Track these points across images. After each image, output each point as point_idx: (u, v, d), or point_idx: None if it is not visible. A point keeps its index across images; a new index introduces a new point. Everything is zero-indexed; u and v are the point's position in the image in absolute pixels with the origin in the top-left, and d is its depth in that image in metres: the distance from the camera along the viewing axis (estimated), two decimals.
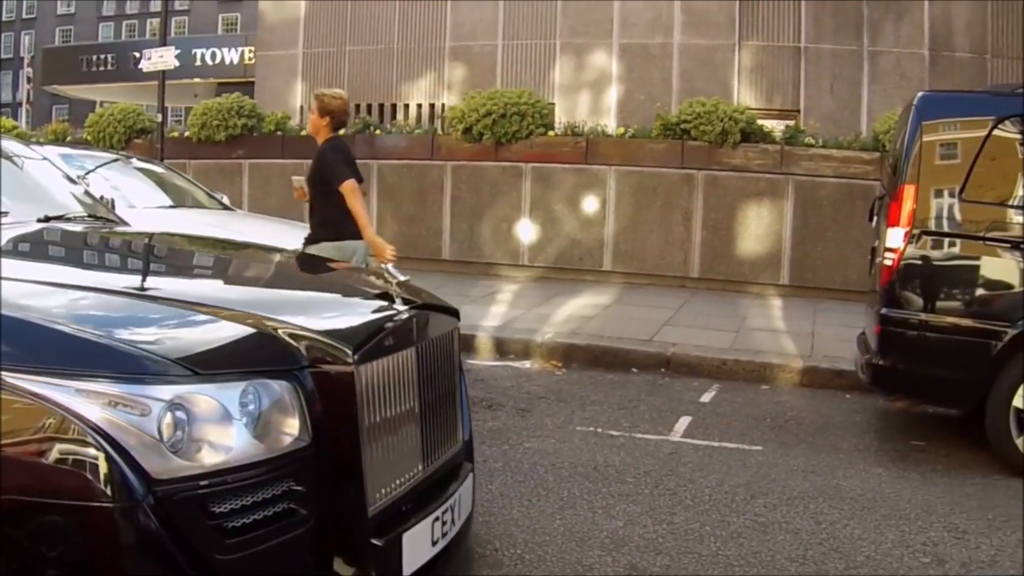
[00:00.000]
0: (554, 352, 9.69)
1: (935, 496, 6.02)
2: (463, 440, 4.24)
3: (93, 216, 5.36)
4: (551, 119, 15.43)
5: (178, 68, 20.60)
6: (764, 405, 8.30)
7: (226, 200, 12.41)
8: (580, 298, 12.43)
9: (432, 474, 3.79)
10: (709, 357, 9.50)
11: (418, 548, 3.53)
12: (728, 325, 11.18)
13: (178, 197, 11.48)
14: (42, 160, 5.86)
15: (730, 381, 9.09)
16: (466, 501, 4.09)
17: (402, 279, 3.91)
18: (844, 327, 10.17)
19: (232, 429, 2.97)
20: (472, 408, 5.50)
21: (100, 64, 41.00)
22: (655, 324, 10.97)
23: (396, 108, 20.08)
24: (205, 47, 36.83)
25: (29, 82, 50.92)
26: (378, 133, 16.17)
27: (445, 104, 19.00)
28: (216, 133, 16.26)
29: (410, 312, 3.88)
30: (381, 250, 7.94)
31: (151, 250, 5.10)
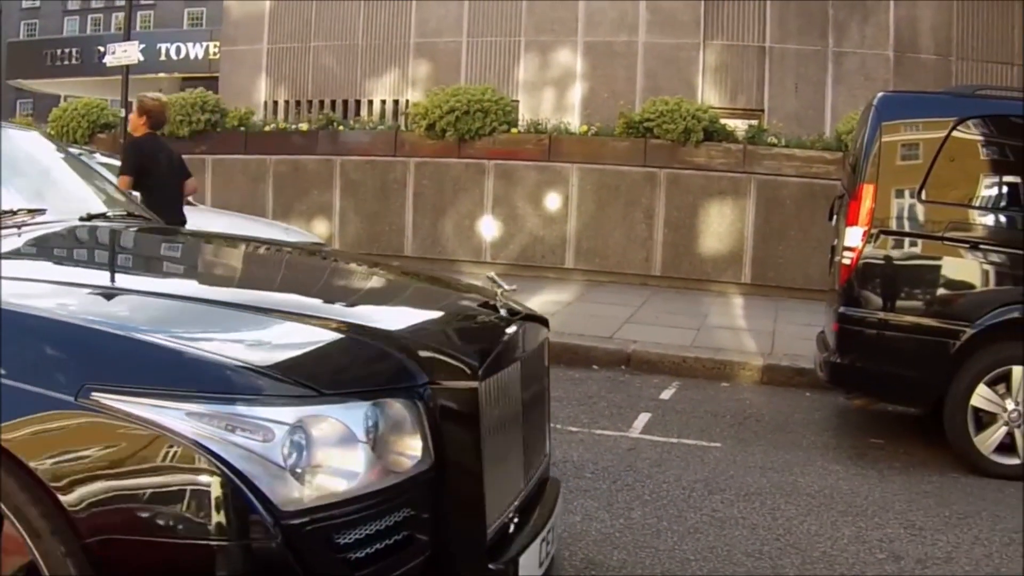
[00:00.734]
0: None
1: (892, 493, 6.05)
2: (548, 453, 4.06)
3: (131, 214, 5.05)
4: (515, 116, 15.41)
5: (143, 63, 20.53)
6: (724, 402, 8.33)
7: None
8: (542, 295, 12.41)
9: (530, 491, 3.60)
10: (670, 354, 9.52)
11: (530, 571, 3.29)
12: (689, 323, 11.20)
13: None
14: (78, 156, 5.62)
15: (690, 378, 9.11)
16: (560, 518, 3.90)
17: (508, 288, 3.71)
18: (805, 326, 10.20)
19: (358, 453, 2.69)
20: None
21: (64, 58, 40.76)
22: (616, 321, 10.98)
23: (360, 104, 19.99)
24: (170, 42, 36.67)
25: None
26: (341, 129, 16.11)
27: (409, 100, 18.95)
28: (180, 128, 16.11)
29: (517, 324, 3.68)
30: None
31: (220, 253, 4.80)
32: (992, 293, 6.82)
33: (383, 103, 19.91)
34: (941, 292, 6.98)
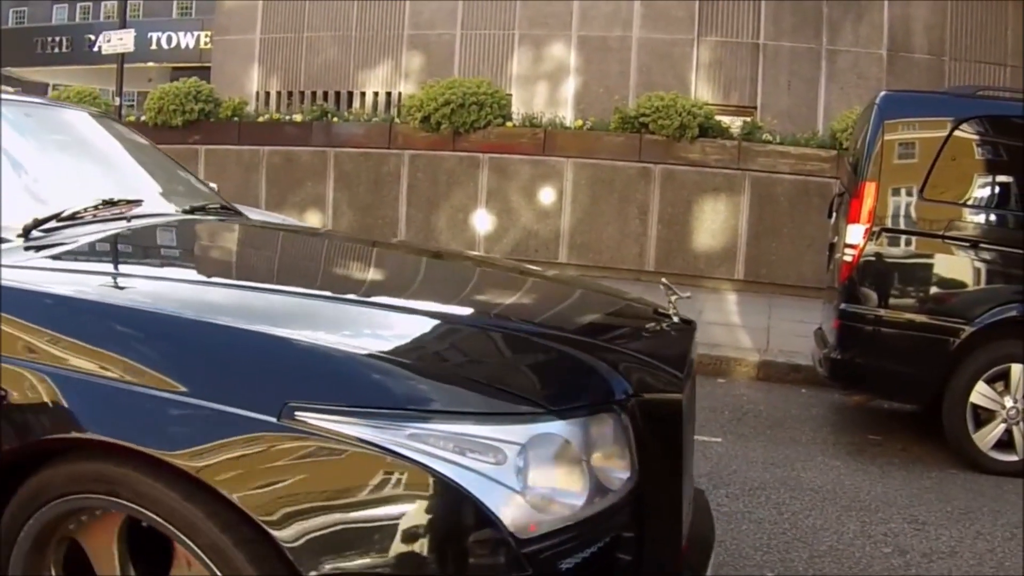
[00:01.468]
0: None
1: (894, 489, 6.10)
2: None
3: (223, 206, 4.79)
4: (509, 110, 15.42)
5: (133, 52, 20.42)
6: (721, 398, 8.37)
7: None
8: None
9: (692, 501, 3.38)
10: None
11: None
12: None
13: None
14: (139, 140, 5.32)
15: None
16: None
17: (683, 296, 3.55)
18: (799, 323, 10.26)
19: (579, 473, 2.45)
20: None
21: (54, 46, 40.62)
22: None
23: (353, 96, 19.93)
24: (161, 31, 36.57)
25: None
26: (336, 121, 16.07)
27: (402, 93, 18.90)
28: (173, 118, 16.07)
29: (694, 330, 3.55)
30: None
31: (357, 254, 4.52)
32: (991, 291, 6.87)
33: (376, 95, 19.85)
34: (941, 290, 7.02)
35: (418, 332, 2.87)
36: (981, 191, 7.09)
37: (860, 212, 7.03)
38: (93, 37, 36.22)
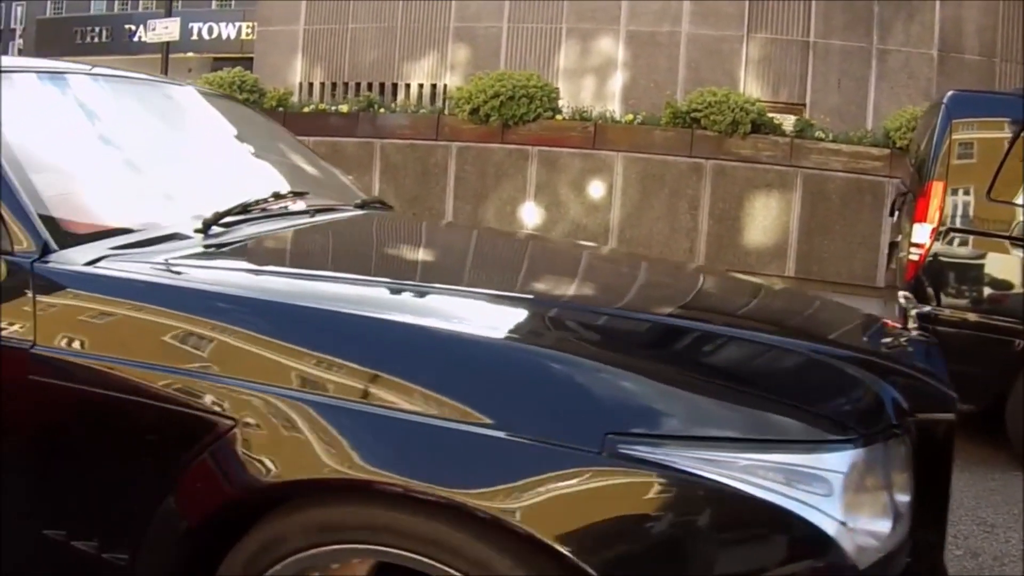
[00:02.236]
0: None
1: (959, 490, 6.02)
2: None
3: (382, 202, 4.61)
4: (558, 103, 15.41)
5: (174, 42, 20.52)
6: None
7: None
8: None
9: None
10: None
11: None
12: None
13: None
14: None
15: None
16: None
17: (926, 310, 3.34)
18: None
19: (885, 500, 2.29)
20: None
21: (94, 37, 40.75)
22: None
23: (397, 87, 19.91)
24: (202, 21, 36.64)
25: (20, 53, 50.44)
26: (382, 111, 16.11)
27: (447, 85, 18.91)
28: None
29: (938, 346, 3.35)
30: None
31: (555, 255, 4.28)
32: None
33: (420, 87, 19.82)
34: (1007, 290, 6.95)
35: (711, 351, 2.68)
36: None
37: (927, 211, 6.97)
38: (133, 27, 36.48)
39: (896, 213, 8.16)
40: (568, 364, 2.24)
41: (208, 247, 2.98)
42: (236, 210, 3.22)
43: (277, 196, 3.56)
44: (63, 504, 2.49)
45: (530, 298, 3.05)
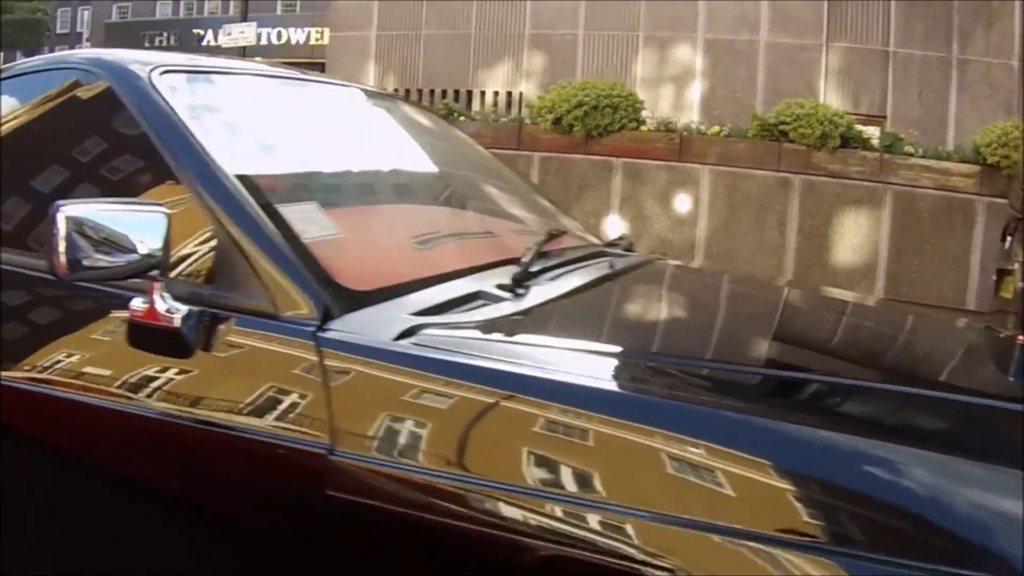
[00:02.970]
0: None
1: None
2: None
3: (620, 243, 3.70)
4: (641, 113, 15.35)
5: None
6: None
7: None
8: None
9: None
10: None
11: None
12: None
13: None
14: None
15: None
16: None
17: None
18: None
19: None
20: None
21: (162, 40, 41.16)
22: None
23: (472, 95, 19.93)
24: (271, 26, 36.90)
25: None
26: (462, 119, 16.08)
27: (523, 93, 18.90)
28: None
29: None
30: None
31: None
32: None
33: (495, 94, 19.80)
34: None
35: None
36: None
37: None
38: (201, 32, 36.73)
39: (1008, 239, 8.04)
40: None
41: (528, 312, 2.31)
42: (535, 261, 2.53)
43: (551, 236, 2.86)
44: None
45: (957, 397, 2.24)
